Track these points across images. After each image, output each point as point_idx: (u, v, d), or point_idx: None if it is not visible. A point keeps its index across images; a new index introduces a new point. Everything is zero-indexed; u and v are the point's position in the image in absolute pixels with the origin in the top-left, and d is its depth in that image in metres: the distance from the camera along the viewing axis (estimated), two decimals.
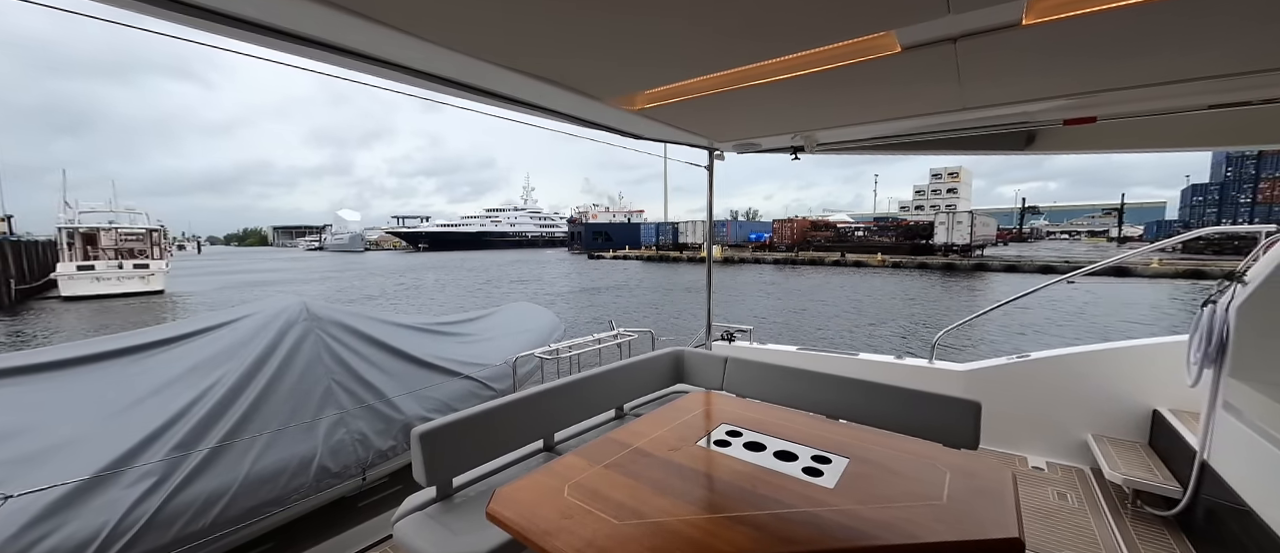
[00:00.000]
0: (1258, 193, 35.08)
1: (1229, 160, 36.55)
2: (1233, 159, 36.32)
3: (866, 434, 2.06)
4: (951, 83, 1.78)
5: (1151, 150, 2.37)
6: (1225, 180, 37.15)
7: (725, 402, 2.53)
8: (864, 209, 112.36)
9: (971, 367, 3.63)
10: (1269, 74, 1.66)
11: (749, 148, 3.20)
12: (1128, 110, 2.04)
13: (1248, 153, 33.97)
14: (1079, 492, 2.89)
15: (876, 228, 49.07)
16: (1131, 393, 3.09)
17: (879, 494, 1.54)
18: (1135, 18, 1.32)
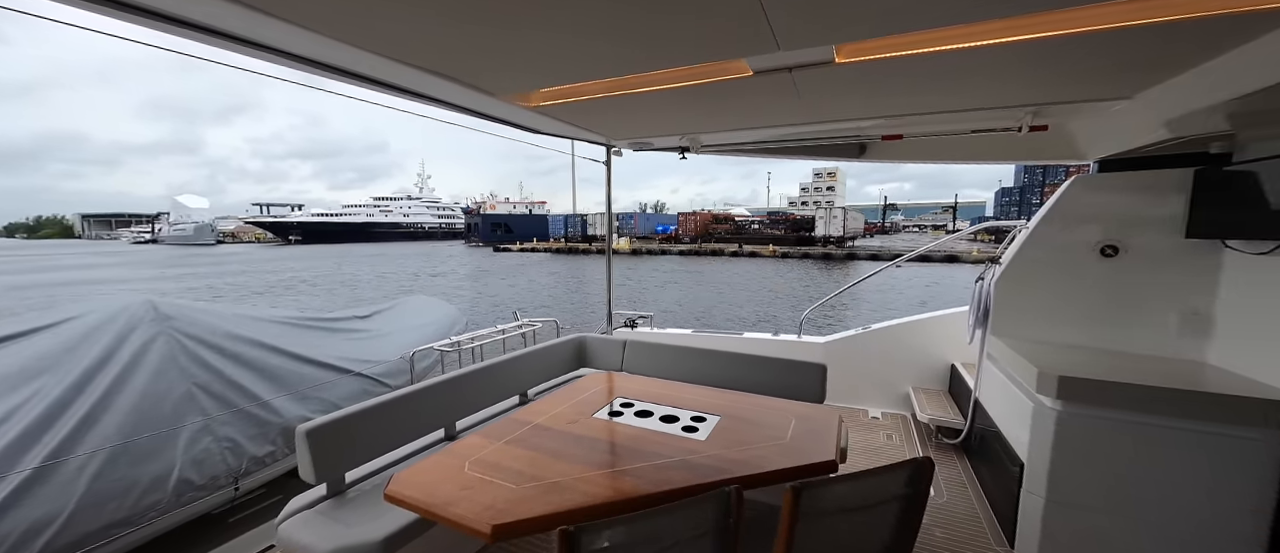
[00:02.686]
0: (1043, 194, 44.90)
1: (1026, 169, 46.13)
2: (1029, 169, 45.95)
3: (738, 397, 2.43)
4: (795, 101, 2.17)
5: (943, 162, 3.06)
6: (1024, 185, 46.89)
7: (623, 380, 2.77)
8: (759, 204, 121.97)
9: (829, 339, 4.32)
10: (1005, 111, 2.28)
11: (643, 146, 3.45)
12: (923, 131, 2.63)
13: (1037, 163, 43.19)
14: (901, 433, 3.64)
15: (769, 221, 53.72)
16: (937, 352, 3.93)
17: (740, 441, 1.87)
18: (919, 64, 1.75)
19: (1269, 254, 1.97)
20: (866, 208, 67.23)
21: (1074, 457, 2.06)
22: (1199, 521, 1.88)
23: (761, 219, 56.65)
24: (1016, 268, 2.85)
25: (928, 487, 1.33)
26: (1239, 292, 2.16)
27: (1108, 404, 2.00)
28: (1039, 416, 2.16)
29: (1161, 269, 2.41)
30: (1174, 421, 1.90)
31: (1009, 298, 2.87)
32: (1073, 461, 2.07)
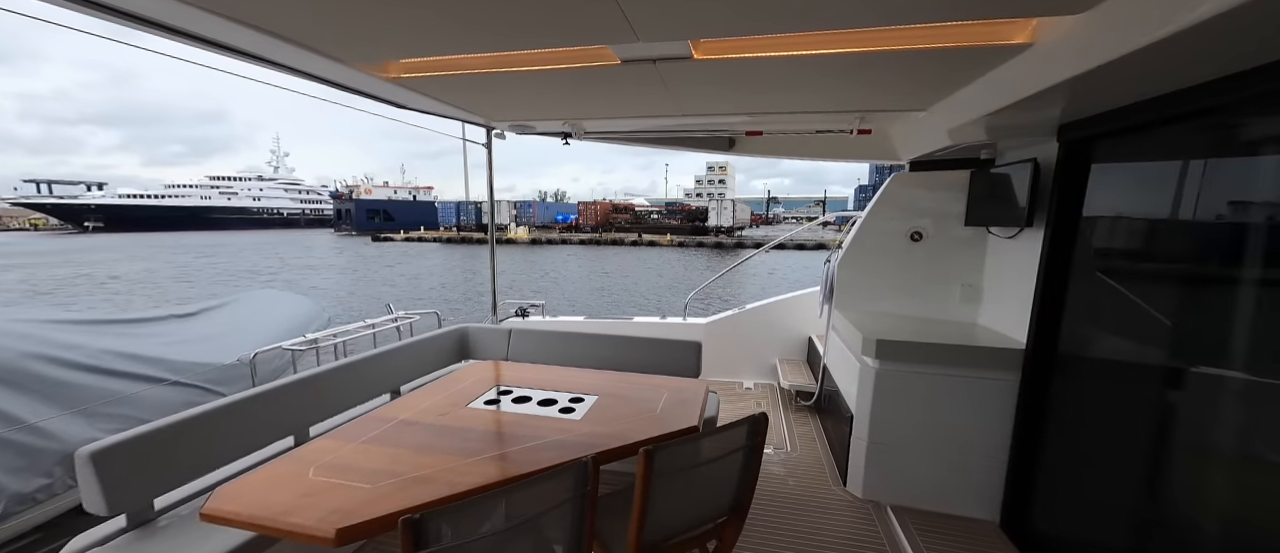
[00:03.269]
0: None
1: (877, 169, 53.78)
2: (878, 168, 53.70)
3: (618, 377, 2.53)
4: (663, 93, 2.28)
5: (798, 158, 3.47)
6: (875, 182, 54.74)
7: (505, 369, 2.71)
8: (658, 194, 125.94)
9: (710, 320, 4.66)
10: (839, 115, 2.64)
11: (525, 129, 3.36)
12: (778, 128, 2.95)
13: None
14: (769, 399, 4.08)
15: (666, 212, 55.80)
16: (798, 327, 4.47)
17: (614, 417, 1.96)
18: (770, 67, 1.95)
19: (1013, 238, 2.57)
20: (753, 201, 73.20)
21: (887, 405, 2.51)
22: (965, 443, 2.41)
23: (660, 209, 58.66)
24: (852, 252, 3.35)
25: (763, 439, 1.53)
26: (997, 268, 2.79)
27: (911, 360, 2.46)
28: (864, 373, 2.58)
29: (949, 251, 3.02)
30: (954, 370, 2.41)
31: (847, 277, 3.36)
32: (886, 408, 2.51)
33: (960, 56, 1.74)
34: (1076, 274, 2.15)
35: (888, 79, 2.06)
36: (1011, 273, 2.58)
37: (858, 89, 2.22)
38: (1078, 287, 2.13)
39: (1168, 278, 1.65)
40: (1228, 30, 1.03)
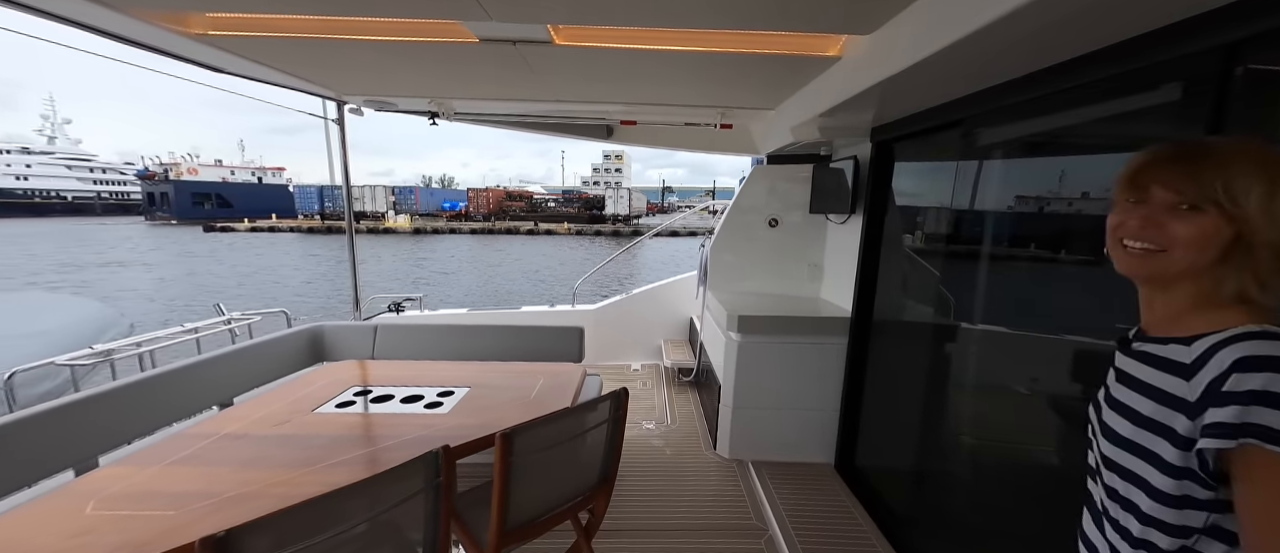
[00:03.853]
0: None
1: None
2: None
3: (493, 367, 2.47)
4: (531, 77, 2.25)
5: (672, 148, 3.67)
6: None
7: (371, 367, 2.49)
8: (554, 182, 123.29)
9: (599, 306, 4.74)
10: (703, 109, 2.84)
11: (385, 106, 3.06)
12: (650, 119, 3.09)
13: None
14: (654, 379, 4.30)
15: (564, 200, 54.91)
16: (681, 308, 4.76)
17: (485, 407, 1.92)
18: (636, 60, 2.02)
19: (844, 223, 3.02)
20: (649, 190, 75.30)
21: (748, 373, 2.81)
22: (808, 401, 2.81)
23: (557, 197, 57.47)
24: (722, 237, 3.65)
25: (625, 412, 1.63)
26: (833, 249, 3.26)
27: (766, 332, 2.78)
28: (729, 347, 2.85)
29: (799, 235, 3.45)
30: (800, 338, 2.78)
31: (719, 260, 3.66)
32: (747, 376, 2.82)
33: (793, 63, 1.99)
34: (885, 252, 2.60)
35: (739, 79, 2.27)
36: (843, 253, 3.03)
37: (716, 86, 2.42)
38: (886, 263, 2.59)
39: (942, 254, 2.09)
40: (966, 57, 1.32)
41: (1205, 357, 0.61)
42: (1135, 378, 0.70)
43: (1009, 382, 1.74)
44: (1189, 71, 1.02)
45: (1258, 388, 0.55)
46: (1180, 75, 1.04)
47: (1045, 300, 1.59)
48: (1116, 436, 0.70)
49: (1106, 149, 1.41)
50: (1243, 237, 0.61)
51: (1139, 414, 0.67)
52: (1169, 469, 0.63)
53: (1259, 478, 0.56)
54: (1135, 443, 0.67)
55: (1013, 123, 1.62)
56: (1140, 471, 0.66)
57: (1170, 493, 0.63)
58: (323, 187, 45.44)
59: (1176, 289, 0.67)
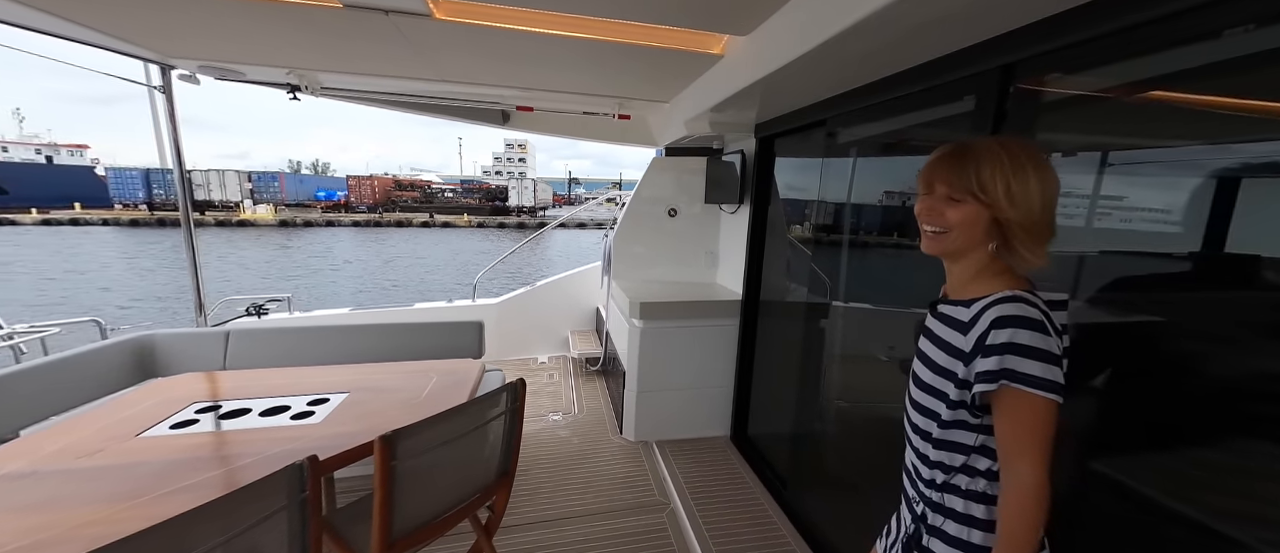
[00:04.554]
0: None
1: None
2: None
3: (377, 368, 2.26)
4: (409, 53, 2.08)
5: (573, 137, 3.64)
6: None
7: (216, 380, 2.13)
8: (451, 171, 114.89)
9: (502, 299, 4.56)
10: (601, 99, 2.85)
11: (230, 74, 2.60)
12: (547, 106, 3.03)
13: None
14: (561, 370, 4.27)
15: (463, 190, 51.52)
16: (587, 299, 4.76)
17: (367, 413, 1.75)
18: (527, 43, 1.94)
19: (734, 213, 3.25)
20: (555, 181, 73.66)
21: (650, 358, 2.92)
22: (706, 379, 3.00)
23: (454, 187, 53.67)
24: (625, 227, 3.72)
25: (522, 404, 1.60)
26: (726, 237, 3.49)
27: (666, 317, 2.90)
28: (632, 333, 2.93)
29: (696, 225, 3.64)
30: (697, 321, 2.94)
31: (622, 250, 3.73)
32: (650, 360, 2.92)
33: (681, 59, 2.07)
34: (770, 240, 2.85)
35: (633, 70, 2.32)
36: (734, 241, 3.26)
37: (611, 76, 2.43)
38: (771, 249, 2.84)
39: (815, 241, 2.34)
40: (823, 63, 1.49)
41: (977, 316, 0.78)
42: (935, 334, 0.87)
43: (872, 351, 2.01)
44: (980, 87, 1.27)
45: (1007, 340, 0.73)
46: (975, 90, 1.28)
47: (901, 280, 1.86)
48: (920, 381, 0.87)
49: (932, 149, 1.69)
50: (996, 219, 0.79)
51: (935, 363, 0.85)
52: (951, 405, 0.81)
53: (1007, 409, 0.75)
54: (932, 386, 0.85)
55: (864, 124, 1.87)
56: (933, 407, 0.84)
57: (952, 423, 0.82)
58: (149, 170, 37.37)
59: (961, 262, 0.86)
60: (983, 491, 0.82)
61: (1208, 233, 1.00)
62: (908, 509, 0.95)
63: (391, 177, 52.60)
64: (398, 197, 44.86)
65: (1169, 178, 1.05)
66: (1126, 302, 1.12)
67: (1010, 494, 0.75)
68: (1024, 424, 0.74)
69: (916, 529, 0.89)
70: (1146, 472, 1.03)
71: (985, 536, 0.82)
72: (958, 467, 0.83)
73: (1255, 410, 0.93)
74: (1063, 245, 1.26)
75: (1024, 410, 0.73)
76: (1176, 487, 0.99)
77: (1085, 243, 1.18)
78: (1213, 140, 0.98)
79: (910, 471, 0.93)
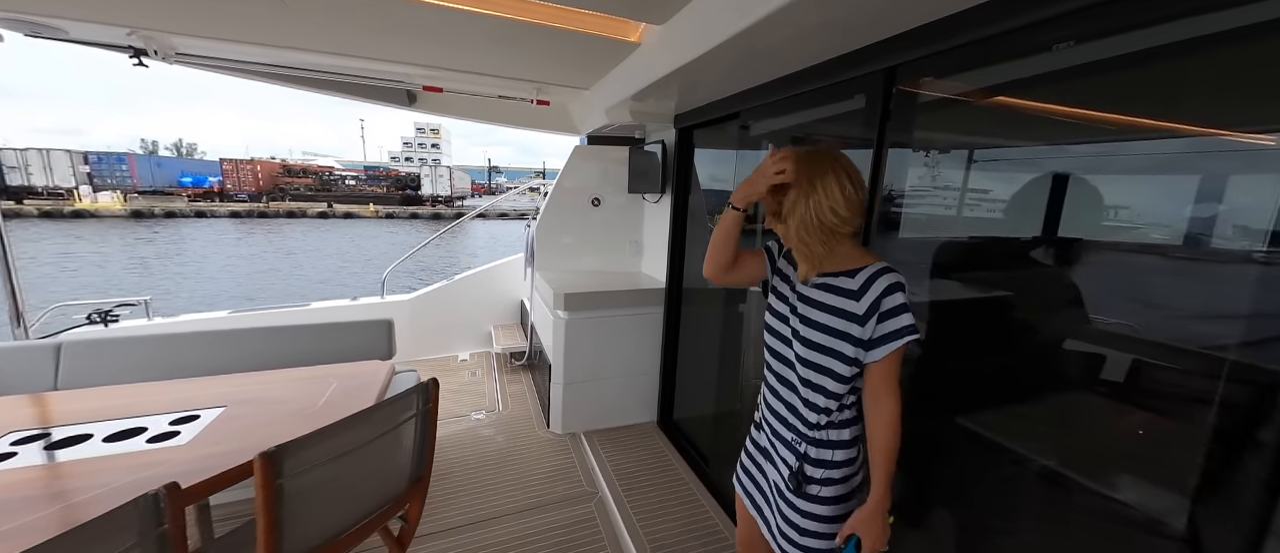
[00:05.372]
0: None
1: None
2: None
3: (269, 377, 2.00)
4: (291, 20, 1.83)
5: (488, 122, 3.47)
6: None
7: (44, 403, 1.75)
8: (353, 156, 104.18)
9: (416, 295, 4.25)
10: (518, 82, 2.72)
11: (45, 30, 2.11)
12: (459, 88, 2.84)
13: None
14: (484, 367, 4.09)
15: (368, 177, 47.02)
16: (510, 292, 4.59)
17: (247, 428, 1.54)
18: (427, 16, 1.78)
19: (657, 202, 3.30)
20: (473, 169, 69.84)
21: (576, 349, 2.89)
22: (633, 367, 3.04)
23: (357, 174, 48.75)
24: (547, 217, 3.62)
25: (435, 405, 1.50)
26: (650, 226, 3.54)
27: (592, 308, 2.88)
28: (557, 325, 2.87)
29: (621, 214, 3.64)
30: (623, 310, 2.96)
31: (545, 241, 3.63)
32: (576, 352, 2.89)
33: (600, 45, 2.04)
34: (691, 228, 2.94)
35: (549, 54, 2.24)
36: (658, 230, 3.31)
37: (527, 59, 2.33)
38: (692, 238, 2.92)
39: None
40: (732, 57, 1.54)
41: (867, 284, 0.95)
42: (819, 302, 1.01)
43: None
44: (870, 87, 1.39)
45: (900, 303, 0.95)
46: (865, 89, 1.40)
47: None
48: (812, 343, 1.01)
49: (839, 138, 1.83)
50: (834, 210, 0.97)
51: (828, 326, 0.99)
52: (847, 360, 0.97)
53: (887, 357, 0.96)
54: (825, 345, 0.99)
55: (773, 117, 1.98)
56: (828, 363, 0.99)
57: (846, 375, 0.98)
58: None
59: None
60: (848, 420, 1.04)
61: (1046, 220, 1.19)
62: (787, 452, 1.08)
63: (279, 161, 46.48)
64: (287, 184, 39.82)
65: (1018, 174, 1.23)
66: (986, 279, 1.31)
67: (886, 418, 0.96)
68: (893, 366, 0.96)
69: (800, 467, 1.05)
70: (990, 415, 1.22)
71: (847, 453, 1.04)
72: (835, 408, 1.02)
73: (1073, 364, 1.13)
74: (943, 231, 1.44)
75: (896, 356, 0.95)
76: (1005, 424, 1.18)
77: (957, 229, 1.36)
78: (1051, 142, 1.17)
79: (787, 419, 1.08)
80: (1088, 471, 1.09)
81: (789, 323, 1.06)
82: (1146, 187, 1.07)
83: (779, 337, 1.09)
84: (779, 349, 1.09)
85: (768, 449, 1.14)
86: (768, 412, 1.13)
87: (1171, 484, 0.90)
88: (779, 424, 1.10)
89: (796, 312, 1.04)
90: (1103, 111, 1.04)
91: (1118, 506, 1.03)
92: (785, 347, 1.07)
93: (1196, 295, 0.95)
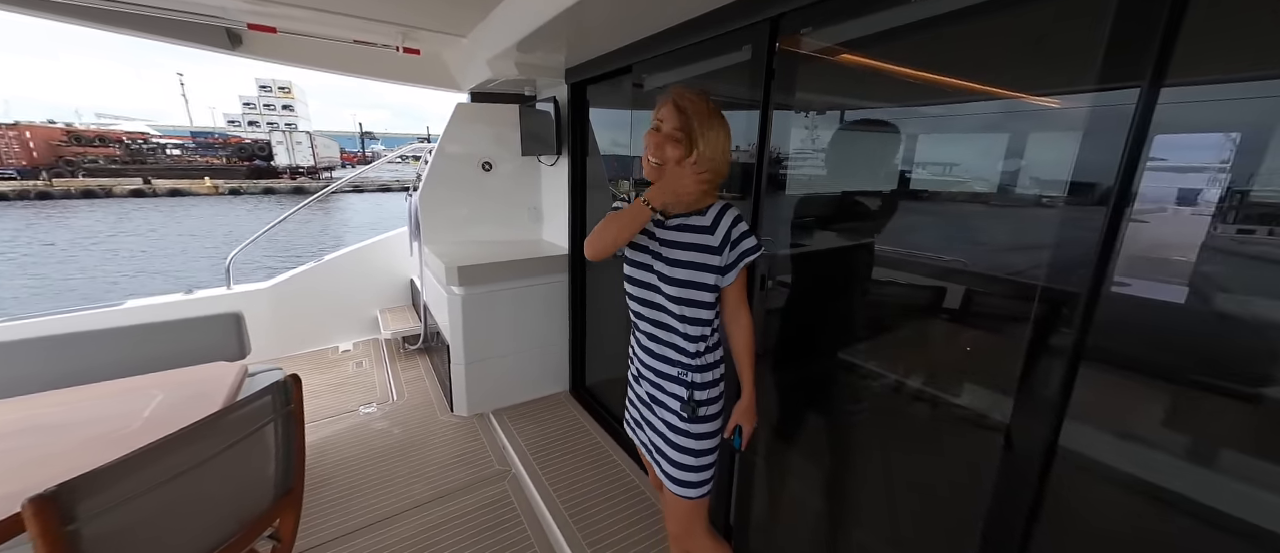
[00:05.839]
0: None
1: None
2: None
3: (59, 398, 1.57)
4: None
5: (341, 73, 2.97)
6: None
7: None
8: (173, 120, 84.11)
9: (275, 282, 3.63)
10: (379, 25, 2.34)
11: None
12: (300, 28, 2.37)
13: None
14: (372, 355, 3.68)
15: (198, 145, 38.64)
16: (398, 270, 4.14)
17: (27, 463, 1.20)
18: None
19: (553, 165, 3.14)
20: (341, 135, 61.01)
21: (476, 326, 2.70)
22: (540, 339, 2.94)
23: (184, 142, 39.75)
24: (432, 186, 3.27)
25: (299, 405, 1.29)
26: (548, 191, 3.37)
27: (490, 280, 2.70)
28: (452, 302, 2.65)
29: (515, 179, 3.41)
30: (524, 281, 2.81)
31: (431, 211, 3.29)
32: (476, 328, 2.71)
33: None
34: (592, 192, 2.85)
35: None
36: (556, 195, 3.17)
37: None
38: (593, 202, 2.84)
39: (630, 193, 2.41)
40: None
41: (717, 220, 1.12)
42: (680, 242, 1.14)
43: None
44: (755, 39, 1.41)
45: (744, 232, 1.12)
46: (751, 41, 1.42)
47: None
48: (680, 280, 1.13)
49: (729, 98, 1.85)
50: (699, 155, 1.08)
51: (692, 262, 1.12)
52: (710, 287, 1.13)
53: (740, 276, 1.15)
54: (691, 280, 1.13)
55: (665, 72, 1.94)
56: (696, 295, 1.14)
57: (711, 300, 1.15)
58: None
59: None
60: (716, 343, 1.19)
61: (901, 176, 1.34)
62: (675, 386, 1.18)
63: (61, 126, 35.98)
64: (76, 155, 31.22)
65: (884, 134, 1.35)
66: (855, 229, 1.44)
67: (744, 326, 1.18)
68: (743, 284, 1.17)
69: (690, 394, 1.16)
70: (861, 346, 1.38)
71: (719, 371, 1.19)
72: (708, 332, 1.16)
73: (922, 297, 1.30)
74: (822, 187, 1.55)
75: (744, 275, 1.16)
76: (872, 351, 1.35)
77: (830, 185, 1.47)
78: (903, 103, 1.29)
79: (669, 357, 1.18)
80: (936, 383, 1.28)
81: (653, 270, 1.16)
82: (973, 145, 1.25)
83: (645, 286, 1.19)
84: (647, 297, 1.19)
85: (653, 395, 1.23)
86: (647, 359, 1.23)
87: (995, 386, 1.08)
88: (662, 364, 1.19)
89: (661, 257, 1.15)
90: (943, 76, 1.16)
91: (958, 408, 1.24)
92: (653, 292, 1.17)
93: (1008, 234, 1.13)
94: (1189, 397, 0.99)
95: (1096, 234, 0.84)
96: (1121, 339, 1.00)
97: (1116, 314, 0.97)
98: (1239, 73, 0.87)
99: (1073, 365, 0.88)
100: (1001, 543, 1.02)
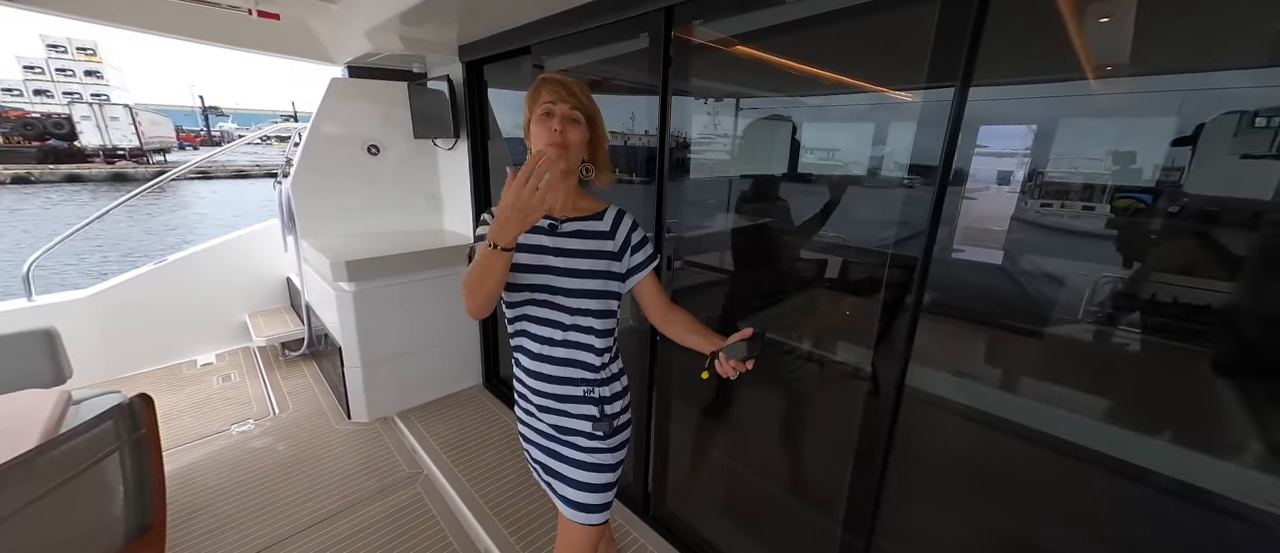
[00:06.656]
0: None
1: None
2: None
3: None
4: None
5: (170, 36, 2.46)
6: None
7: None
8: None
9: (101, 288, 2.99)
10: None
11: None
12: None
13: None
14: (242, 367, 3.20)
15: None
16: (270, 268, 3.61)
17: None
18: None
19: (452, 149, 2.94)
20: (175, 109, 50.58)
21: (372, 325, 2.48)
22: (446, 333, 2.79)
23: None
24: (305, 172, 2.88)
25: (152, 429, 1.11)
26: (447, 177, 3.15)
27: (385, 275, 2.48)
28: (342, 300, 2.40)
29: (408, 164, 3.14)
30: (425, 273, 2.62)
31: (307, 199, 2.91)
32: (372, 327, 2.48)
33: None
34: (495, 177, 2.72)
35: None
36: (457, 180, 2.98)
37: None
38: (496, 186, 2.72)
39: None
40: None
41: (615, 225, 1.06)
42: (576, 249, 1.04)
43: None
44: (652, 26, 1.44)
45: (644, 236, 1.09)
46: (649, 28, 1.45)
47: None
48: (583, 291, 1.03)
49: (632, 83, 1.87)
50: (592, 139, 1.02)
51: (592, 270, 1.03)
52: (612, 294, 1.06)
53: (651, 276, 1.10)
54: (595, 290, 1.04)
55: (566, 54, 1.91)
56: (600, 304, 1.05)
57: (613, 307, 1.08)
58: None
59: (568, 180, 1.03)
60: (618, 352, 1.13)
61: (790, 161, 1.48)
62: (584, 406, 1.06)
63: None
64: None
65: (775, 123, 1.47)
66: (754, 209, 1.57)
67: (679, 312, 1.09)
68: (658, 283, 1.11)
69: (600, 410, 1.07)
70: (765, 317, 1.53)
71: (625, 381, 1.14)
72: (611, 341, 1.09)
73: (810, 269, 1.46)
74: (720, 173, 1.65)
75: (655, 277, 1.10)
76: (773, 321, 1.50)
77: (731, 170, 1.58)
78: (788, 94, 1.42)
79: (572, 377, 1.05)
80: (822, 345, 1.46)
81: (552, 283, 1.02)
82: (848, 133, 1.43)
83: (542, 304, 1.03)
84: (544, 315, 1.03)
85: (558, 426, 1.09)
86: (545, 387, 1.06)
87: (863, 343, 1.27)
88: (565, 387, 1.05)
89: (559, 269, 1.02)
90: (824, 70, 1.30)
91: (838, 365, 1.43)
92: (552, 309, 1.02)
93: (874, 212, 1.32)
94: (999, 338, 1.25)
95: (928, 209, 1.02)
96: (958, 295, 1.23)
97: (954, 276, 1.19)
98: (1033, 75, 1.10)
99: (914, 319, 1.07)
100: (866, 469, 1.21)
